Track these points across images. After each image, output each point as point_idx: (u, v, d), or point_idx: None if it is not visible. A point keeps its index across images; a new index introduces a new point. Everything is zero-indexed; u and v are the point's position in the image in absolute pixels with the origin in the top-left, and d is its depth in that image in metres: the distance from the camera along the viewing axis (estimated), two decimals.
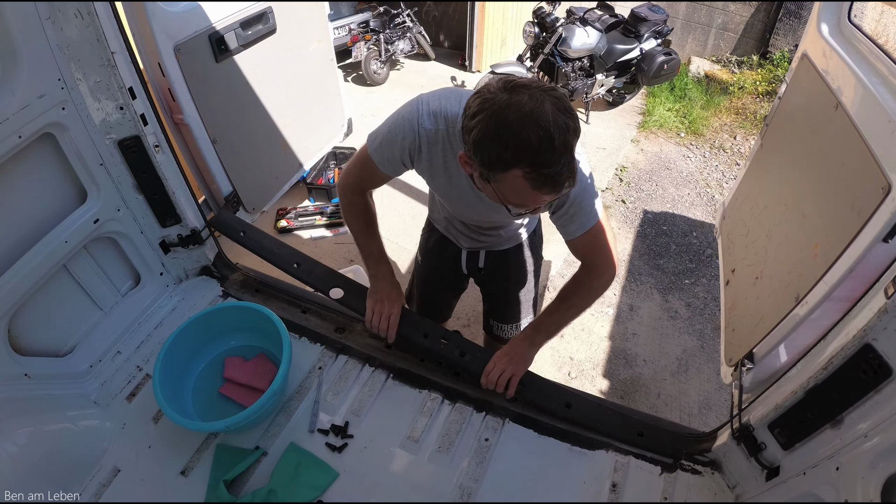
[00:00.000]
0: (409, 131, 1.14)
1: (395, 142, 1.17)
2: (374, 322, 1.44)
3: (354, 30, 4.94)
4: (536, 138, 0.84)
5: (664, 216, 3.56)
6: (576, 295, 1.30)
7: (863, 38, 1.35)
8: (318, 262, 1.69)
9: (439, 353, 1.46)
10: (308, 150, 2.76)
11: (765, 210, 1.62)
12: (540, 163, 0.86)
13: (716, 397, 2.44)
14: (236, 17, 2.06)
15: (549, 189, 0.91)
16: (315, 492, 1.28)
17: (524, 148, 0.85)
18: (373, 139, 1.23)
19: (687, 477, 1.30)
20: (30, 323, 1.37)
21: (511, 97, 0.87)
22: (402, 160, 1.20)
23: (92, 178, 1.41)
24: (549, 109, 0.85)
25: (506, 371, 1.34)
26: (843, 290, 1.07)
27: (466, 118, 0.92)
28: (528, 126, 0.84)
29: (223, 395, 1.48)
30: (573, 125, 0.88)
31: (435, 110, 1.12)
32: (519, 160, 0.87)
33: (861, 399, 0.89)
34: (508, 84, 0.89)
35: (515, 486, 1.30)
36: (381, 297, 1.44)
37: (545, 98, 0.87)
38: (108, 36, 1.29)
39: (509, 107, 0.86)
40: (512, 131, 0.85)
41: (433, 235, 1.66)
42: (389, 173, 1.26)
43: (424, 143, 1.14)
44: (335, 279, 1.62)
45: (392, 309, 1.43)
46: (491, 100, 0.88)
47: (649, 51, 4.29)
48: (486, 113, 0.87)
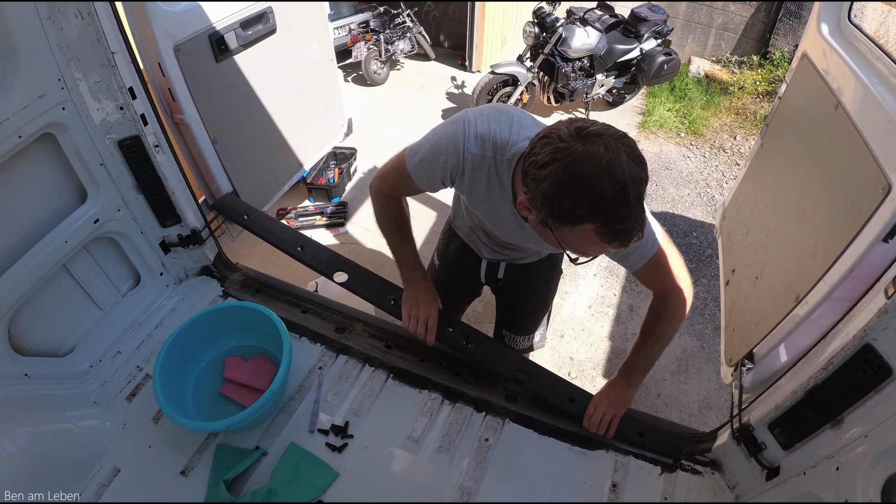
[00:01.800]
0: (454, 154, 1.08)
1: (437, 162, 1.11)
2: (412, 327, 1.42)
3: (354, 30, 4.94)
4: (612, 193, 0.80)
5: (664, 216, 3.56)
6: (658, 326, 1.23)
7: (863, 38, 1.35)
8: (323, 246, 1.68)
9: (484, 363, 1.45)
10: (308, 150, 2.76)
11: (765, 210, 1.62)
12: (614, 219, 0.83)
13: (716, 397, 2.44)
14: (236, 17, 2.05)
15: (619, 243, 0.87)
16: (315, 492, 1.28)
17: (600, 205, 0.82)
18: (412, 154, 1.17)
19: (687, 477, 1.30)
20: (30, 323, 1.37)
21: (586, 148, 0.82)
22: (443, 180, 1.15)
23: (92, 178, 1.41)
24: (624, 161, 0.81)
25: (607, 413, 1.33)
26: (843, 290, 1.07)
27: (535, 167, 0.87)
28: (604, 181, 0.80)
29: (223, 395, 1.48)
30: (645, 175, 0.84)
31: (483, 134, 1.06)
32: (593, 216, 0.83)
33: (861, 399, 0.89)
34: (582, 132, 0.85)
35: (515, 486, 1.30)
36: (417, 301, 1.42)
37: (620, 149, 0.82)
38: (108, 36, 1.29)
39: (584, 160, 0.81)
40: (587, 186, 0.81)
41: (454, 242, 1.61)
42: (426, 189, 1.22)
43: (469, 167, 1.09)
44: (339, 263, 1.61)
45: (429, 313, 1.41)
46: (564, 150, 0.83)
47: (649, 51, 4.29)
48: (560, 164, 0.83)
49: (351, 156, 3.77)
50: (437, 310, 1.44)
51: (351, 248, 3.17)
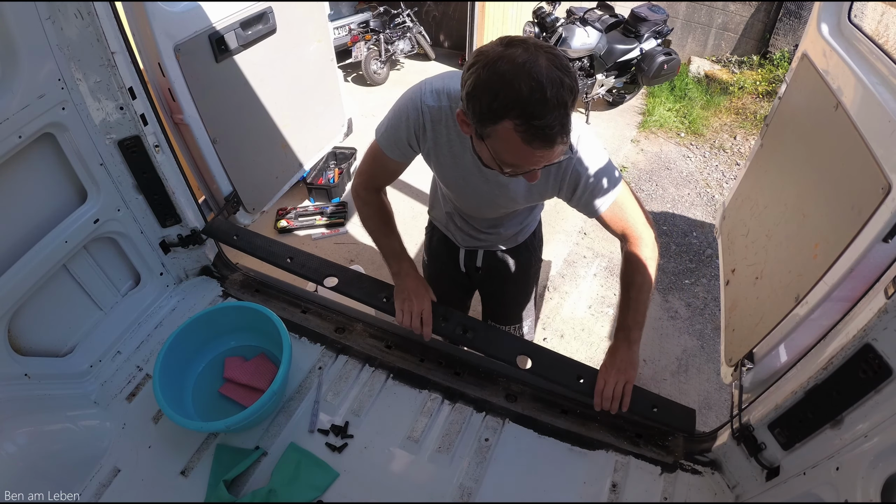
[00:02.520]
0: (413, 110, 1.14)
1: (400, 123, 1.17)
2: (406, 321, 1.38)
3: (354, 30, 4.94)
4: (528, 89, 0.83)
5: (664, 216, 3.56)
6: (638, 274, 1.22)
7: (863, 38, 1.35)
8: (311, 255, 1.68)
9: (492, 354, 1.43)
10: (308, 150, 2.76)
11: (765, 210, 1.62)
12: (530, 114, 0.85)
13: (716, 397, 2.44)
14: (236, 17, 2.06)
15: (541, 144, 0.88)
16: (315, 492, 1.28)
17: (514, 98, 0.84)
18: (379, 127, 1.24)
19: (687, 477, 1.30)
20: (30, 323, 1.37)
21: (506, 50, 0.87)
22: (409, 141, 1.19)
23: (92, 178, 1.41)
24: (543, 63, 0.85)
25: (618, 383, 1.25)
26: (843, 290, 1.06)
27: (463, 73, 0.93)
28: (520, 77, 0.84)
29: (223, 395, 1.48)
30: (568, 82, 0.86)
31: (438, 88, 1.12)
32: (509, 110, 0.86)
33: (861, 399, 0.89)
34: (505, 39, 0.90)
35: (515, 486, 1.30)
36: (409, 294, 1.39)
37: (540, 53, 0.86)
38: (108, 36, 1.29)
39: (503, 58, 0.86)
40: (503, 81, 0.85)
41: (435, 234, 1.66)
42: (397, 158, 1.25)
43: (428, 120, 1.14)
44: (328, 268, 1.62)
45: (422, 305, 1.37)
46: (486, 52, 0.89)
47: (649, 51, 4.29)
48: (480, 64, 0.88)
49: (351, 156, 3.77)
50: (431, 301, 1.40)
51: (351, 248, 3.17)
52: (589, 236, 3.32)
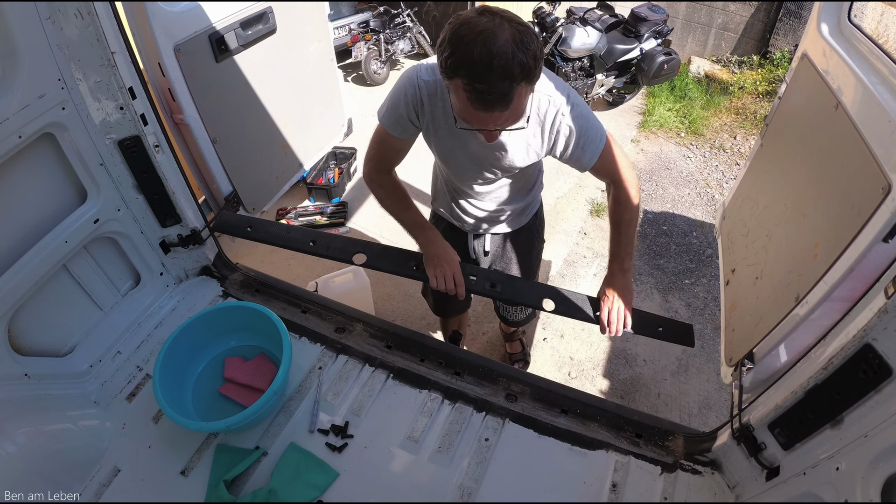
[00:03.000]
0: (411, 86, 1.23)
1: (399, 101, 1.26)
2: (441, 285, 1.45)
3: (354, 30, 4.94)
4: (478, 55, 0.93)
5: (664, 216, 3.56)
6: (625, 212, 1.38)
7: (863, 38, 1.35)
8: (333, 235, 1.69)
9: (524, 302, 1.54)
10: (308, 150, 2.76)
11: (765, 210, 1.62)
12: (474, 77, 0.95)
13: (716, 397, 2.44)
14: (236, 17, 2.05)
15: (480, 106, 0.99)
16: (315, 492, 1.28)
17: (463, 61, 0.95)
18: (380, 109, 1.32)
19: (687, 477, 1.30)
20: (30, 323, 1.37)
21: (475, 17, 0.96)
22: (409, 117, 1.27)
23: (92, 178, 1.41)
24: (502, 36, 0.93)
25: (621, 308, 1.41)
26: (843, 290, 1.06)
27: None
28: (475, 43, 0.93)
29: (223, 395, 1.48)
30: (521, 57, 0.94)
31: (433, 65, 1.20)
32: (457, 71, 0.97)
33: (861, 399, 0.89)
34: (481, 7, 0.99)
35: (515, 486, 1.30)
36: (438, 260, 1.46)
37: (505, 26, 0.94)
38: (108, 36, 1.29)
39: (469, 23, 0.96)
40: (462, 43, 0.95)
41: (440, 224, 1.71)
42: (400, 136, 1.32)
43: (425, 94, 1.23)
44: (354, 246, 1.61)
45: (453, 268, 1.45)
46: (460, 16, 0.98)
47: (649, 51, 4.29)
48: (452, 23, 0.99)
49: (351, 156, 3.77)
50: (458, 263, 1.48)
51: None
52: (589, 236, 3.32)
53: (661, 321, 1.48)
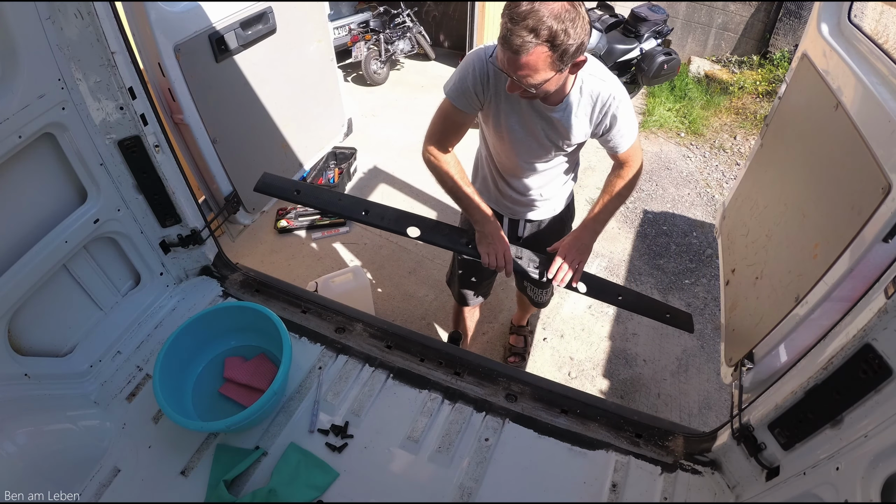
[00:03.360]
0: (479, 61, 1.33)
1: (467, 75, 1.34)
2: (492, 262, 1.53)
3: (354, 30, 4.94)
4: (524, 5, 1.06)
5: (664, 216, 3.56)
6: (623, 187, 1.51)
7: (863, 38, 1.35)
8: (388, 206, 1.67)
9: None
10: (308, 150, 2.75)
11: (765, 210, 1.62)
12: (510, 17, 1.09)
13: (716, 397, 2.44)
14: (236, 17, 2.05)
15: (504, 44, 1.11)
16: (315, 492, 1.28)
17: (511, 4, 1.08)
18: (447, 84, 1.41)
19: (687, 477, 1.30)
20: (30, 323, 1.37)
21: None
22: (475, 90, 1.36)
23: (92, 178, 1.41)
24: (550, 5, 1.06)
25: (574, 260, 1.50)
26: (843, 290, 1.06)
27: None
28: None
29: (223, 395, 1.48)
30: (553, 26, 1.06)
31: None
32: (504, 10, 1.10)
33: (861, 399, 0.89)
34: None
35: (515, 486, 1.30)
36: (491, 239, 1.53)
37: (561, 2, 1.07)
38: (108, 36, 1.29)
39: None
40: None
41: None
42: (465, 109, 1.40)
43: (491, 70, 1.31)
44: (408, 220, 1.61)
45: (504, 247, 1.53)
46: None
47: (649, 51, 4.29)
48: None
49: (351, 156, 3.77)
50: (507, 242, 1.56)
51: (352, 248, 3.17)
52: None
53: (669, 309, 1.57)
